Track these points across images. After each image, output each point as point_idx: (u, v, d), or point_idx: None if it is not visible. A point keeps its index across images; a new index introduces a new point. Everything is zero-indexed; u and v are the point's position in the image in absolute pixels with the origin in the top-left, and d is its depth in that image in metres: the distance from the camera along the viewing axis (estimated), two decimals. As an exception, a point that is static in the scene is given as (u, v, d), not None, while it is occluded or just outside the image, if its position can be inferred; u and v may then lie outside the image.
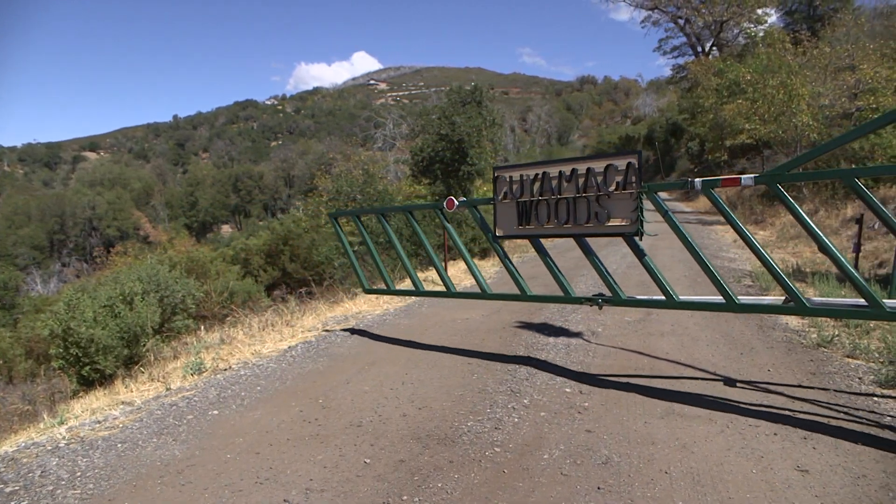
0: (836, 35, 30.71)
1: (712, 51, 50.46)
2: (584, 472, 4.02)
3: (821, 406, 5.13)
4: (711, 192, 5.27)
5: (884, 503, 3.55)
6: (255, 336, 8.79)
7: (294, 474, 4.15)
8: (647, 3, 52.76)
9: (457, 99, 23.93)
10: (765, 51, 30.51)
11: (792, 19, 46.38)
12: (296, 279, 21.85)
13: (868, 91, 22.68)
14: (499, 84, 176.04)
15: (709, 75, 37.57)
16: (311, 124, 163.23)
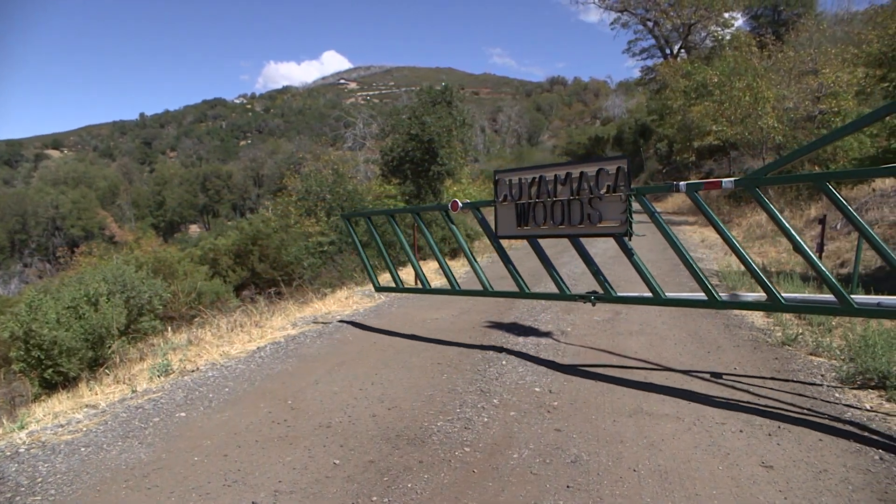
0: (799, 40, 31.27)
1: (680, 53, 51.06)
2: (553, 471, 4.04)
3: (785, 403, 5.22)
4: (695, 194, 5.54)
5: (843, 496, 3.63)
6: (223, 337, 8.70)
7: (263, 476, 4.11)
8: (617, 5, 53.19)
9: (427, 99, 23.92)
10: (731, 54, 30.94)
11: (757, 23, 47.18)
12: (265, 279, 21.63)
13: (830, 95, 23.12)
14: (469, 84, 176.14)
15: (677, 77, 38.01)
16: (281, 123, 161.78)
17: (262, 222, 25.16)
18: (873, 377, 5.63)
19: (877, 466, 3.99)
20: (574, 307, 9.68)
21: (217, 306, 14.71)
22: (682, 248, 5.72)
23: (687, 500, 3.63)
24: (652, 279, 5.92)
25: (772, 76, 26.05)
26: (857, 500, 3.58)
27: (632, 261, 5.91)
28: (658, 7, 50.13)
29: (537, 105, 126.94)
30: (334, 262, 16.85)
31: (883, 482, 3.78)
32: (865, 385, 5.64)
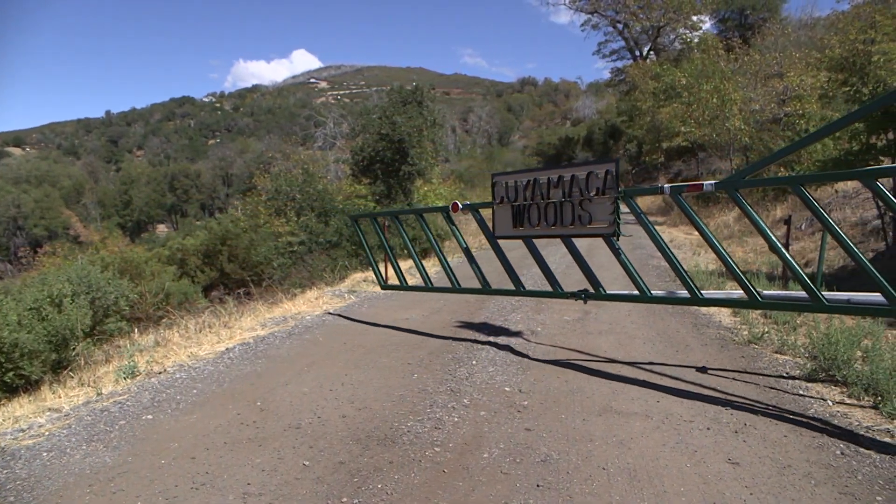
0: (765, 43, 31.82)
1: (650, 55, 51.67)
2: (523, 470, 4.06)
3: (751, 400, 5.30)
4: (679, 196, 5.70)
5: (806, 490, 3.70)
6: (191, 338, 8.59)
7: (231, 479, 4.07)
8: (587, 7, 53.74)
9: (398, 99, 23.87)
10: (699, 56, 31.34)
11: (725, 27, 47.92)
12: (234, 280, 21.40)
13: (795, 97, 23.55)
14: (440, 84, 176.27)
15: (646, 79, 38.43)
16: (251, 122, 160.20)
17: (232, 222, 24.92)
18: (836, 374, 5.75)
19: (838, 461, 4.08)
20: (544, 307, 9.73)
21: (185, 307, 14.54)
22: (666, 248, 5.98)
23: (655, 498, 3.66)
24: (639, 278, 6.15)
25: (738, 79, 26.49)
26: (819, 495, 3.65)
27: (619, 260, 6.15)
28: (628, 9, 50.72)
29: (508, 105, 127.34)
30: (304, 263, 16.74)
31: (844, 476, 3.87)
32: (829, 382, 5.76)
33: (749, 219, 5.44)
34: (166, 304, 15.20)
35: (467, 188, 35.02)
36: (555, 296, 6.99)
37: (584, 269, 6.61)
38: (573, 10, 55.14)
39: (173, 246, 26.31)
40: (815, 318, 8.02)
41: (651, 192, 6.25)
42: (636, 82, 41.66)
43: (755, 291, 5.48)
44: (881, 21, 16.01)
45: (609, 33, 55.14)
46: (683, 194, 5.81)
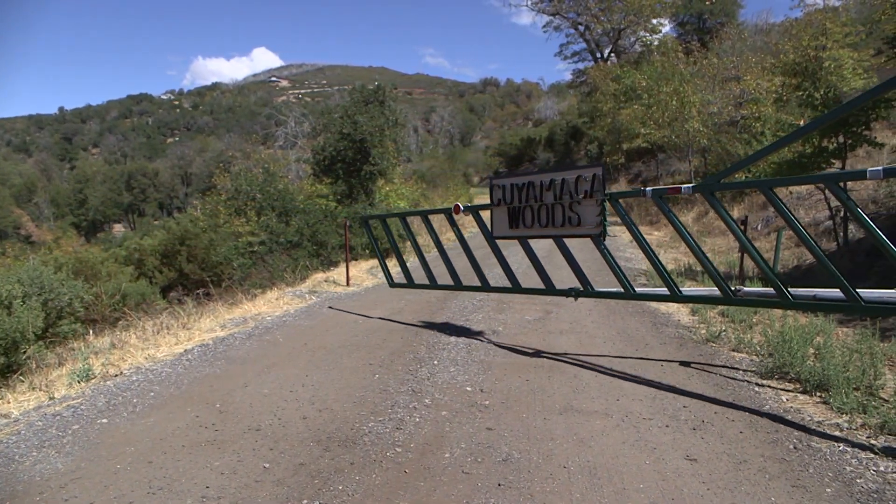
0: (722, 47, 32.41)
1: (611, 57, 52.25)
2: (485, 470, 4.07)
3: (709, 398, 5.40)
4: (660, 199, 5.91)
5: (761, 485, 3.79)
6: (149, 340, 8.42)
7: (189, 482, 4.00)
8: (549, 9, 54.15)
9: (360, 98, 23.76)
10: (659, 59, 31.80)
11: (684, 30, 48.67)
12: (193, 280, 21.04)
13: (751, 101, 24.01)
14: (402, 84, 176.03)
15: (607, 81, 38.82)
16: (210, 121, 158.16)
17: (191, 222, 24.54)
18: (790, 371, 5.89)
19: (791, 455, 4.18)
20: (506, 307, 9.78)
21: (143, 308, 14.22)
22: (648, 249, 6.27)
23: (615, 495, 3.70)
24: (623, 276, 6.38)
25: (697, 81, 26.93)
26: (773, 488, 3.74)
27: (606, 260, 6.39)
28: (589, 12, 51.23)
29: (470, 106, 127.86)
30: (265, 263, 16.54)
31: (796, 470, 3.97)
32: (783, 378, 5.90)
33: (723, 220, 5.65)
34: (123, 305, 14.87)
35: (429, 188, 35.03)
36: (548, 293, 7.19)
37: (574, 268, 6.85)
38: (535, 12, 55.56)
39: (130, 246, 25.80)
40: (770, 316, 8.22)
41: (634, 195, 6.46)
42: (597, 84, 42.05)
43: (728, 290, 5.70)
44: (832, 28, 16.42)
45: (571, 35, 55.63)
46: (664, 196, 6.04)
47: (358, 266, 15.57)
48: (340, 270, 14.32)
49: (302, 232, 17.44)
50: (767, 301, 5.83)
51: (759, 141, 18.91)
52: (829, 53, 15.25)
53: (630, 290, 6.39)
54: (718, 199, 5.66)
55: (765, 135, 18.95)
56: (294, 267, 15.19)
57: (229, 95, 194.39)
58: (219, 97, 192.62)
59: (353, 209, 19.48)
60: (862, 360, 5.70)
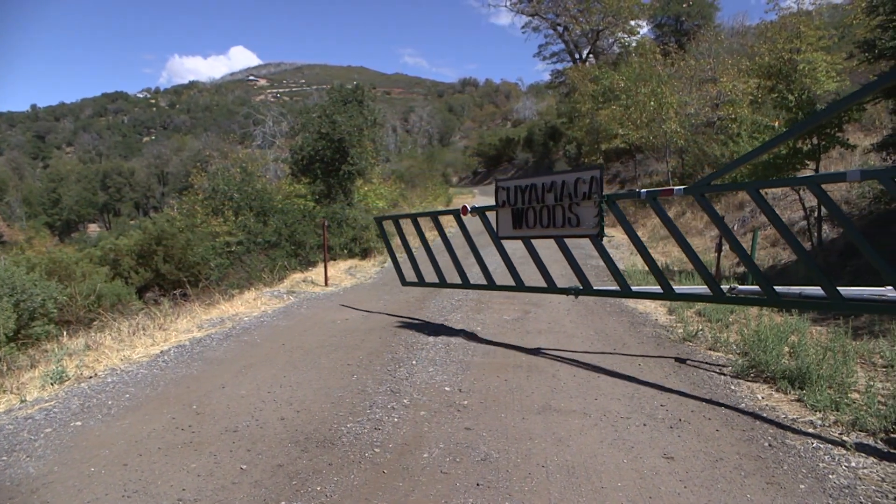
0: (699, 49, 32.68)
1: (589, 58, 52.49)
2: (463, 470, 4.07)
3: (686, 396, 5.46)
4: (655, 201, 6.10)
5: (736, 482, 3.83)
6: (124, 341, 8.32)
7: (165, 485, 3.96)
8: (528, 10, 54.31)
9: (338, 98, 23.63)
10: (637, 60, 31.97)
11: (661, 32, 48.99)
12: (170, 281, 20.83)
13: (728, 102, 24.26)
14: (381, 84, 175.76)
15: (585, 81, 38.97)
16: (187, 120, 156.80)
17: (167, 221, 24.28)
18: (765, 369, 5.97)
19: (766, 453, 4.23)
20: (484, 307, 9.80)
21: (118, 309, 14.05)
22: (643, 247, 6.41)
23: (593, 494, 3.72)
24: (619, 274, 6.58)
25: (674, 83, 27.15)
26: (748, 485, 3.78)
27: (604, 259, 6.62)
28: (568, 13, 51.46)
29: (449, 106, 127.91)
30: (242, 263, 16.42)
31: (771, 467, 4.02)
32: (758, 377, 5.98)
33: (713, 220, 5.87)
34: (98, 306, 14.69)
35: (408, 188, 34.97)
36: (549, 291, 7.34)
37: (575, 269, 7.00)
38: (514, 13, 55.70)
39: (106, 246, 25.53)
40: (746, 315, 8.32)
41: (629, 197, 6.64)
42: (576, 85, 42.18)
43: (719, 288, 5.85)
44: (805, 32, 16.71)
45: (549, 36, 55.83)
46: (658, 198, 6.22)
47: (336, 266, 15.51)
48: (319, 270, 14.26)
49: (280, 232, 17.34)
50: (757, 299, 6.00)
51: (736, 142, 19.11)
52: (803, 56, 15.51)
53: (628, 289, 6.56)
54: (708, 201, 5.79)
55: (741, 136, 19.14)
56: (272, 267, 15.10)
57: (207, 94, 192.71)
58: (196, 96, 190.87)
59: (331, 209, 19.40)
60: (835, 359, 5.80)
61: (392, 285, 12.49)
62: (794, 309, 7.46)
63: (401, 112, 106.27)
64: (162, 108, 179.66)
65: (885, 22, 12.10)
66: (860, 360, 6.33)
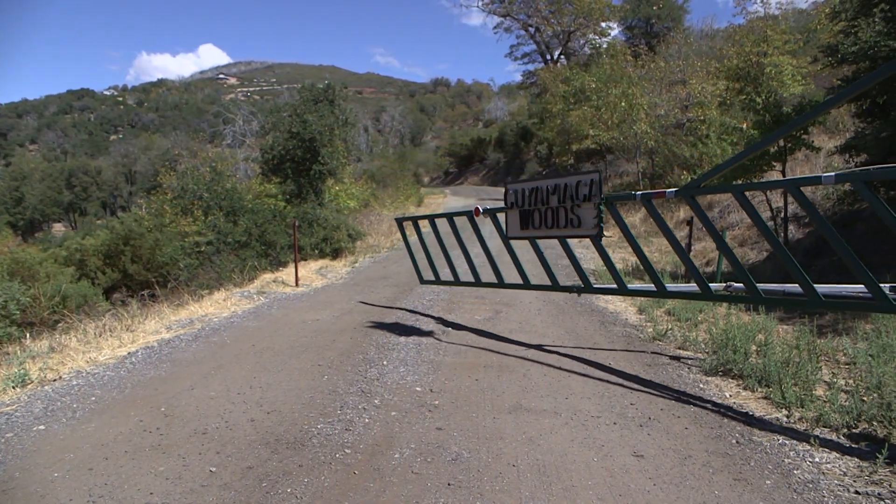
0: (669, 52, 33.03)
1: (560, 59, 52.79)
2: (434, 470, 4.07)
3: (655, 395, 5.51)
4: (650, 203, 6.32)
5: (705, 479, 3.88)
6: (90, 343, 8.17)
7: (132, 489, 3.89)
8: (500, 10, 54.45)
9: (309, 97, 23.52)
10: (608, 62, 32.19)
11: (632, 34, 49.48)
12: (138, 281, 20.50)
13: (697, 104, 24.56)
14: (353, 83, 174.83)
15: (557, 82, 39.16)
16: (155, 118, 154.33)
17: (135, 221, 23.88)
18: (733, 368, 6.06)
19: (734, 450, 4.29)
20: (455, 307, 9.81)
21: (84, 310, 13.80)
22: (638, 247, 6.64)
23: (564, 492, 3.74)
24: (618, 274, 6.73)
25: (645, 84, 27.40)
26: (716, 482, 3.83)
27: (603, 259, 6.87)
28: (539, 14, 51.71)
29: (421, 106, 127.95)
30: (212, 263, 16.22)
31: (738, 463, 4.09)
32: (726, 375, 6.06)
33: (702, 222, 5.98)
34: (63, 307, 14.42)
35: (379, 188, 34.86)
36: (553, 289, 7.68)
37: (575, 266, 7.24)
38: (486, 13, 55.83)
39: (72, 246, 25.05)
40: (714, 315, 8.44)
41: (627, 198, 7.01)
42: (547, 85, 42.38)
43: (708, 286, 6.00)
44: (772, 36, 16.97)
45: (521, 37, 56.06)
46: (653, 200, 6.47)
47: (307, 266, 15.41)
48: (289, 271, 14.14)
49: (250, 232, 17.16)
50: (742, 297, 6.29)
51: (705, 143, 19.36)
52: (770, 60, 15.74)
53: (624, 287, 6.77)
54: (698, 202, 5.91)
55: (710, 137, 19.42)
56: (242, 267, 14.95)
57: (175, 92, 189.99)
58: (165, 94, 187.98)
59: (301, 209, 19.27)
60: (800, 357, 5.90)
61: (363, 286, 12.45)
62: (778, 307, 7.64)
63: (372, 112, 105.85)
64: (130, 106, 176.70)
65: (848, 27, 12.36)
66: (825, 358, 6.45)
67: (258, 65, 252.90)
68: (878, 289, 4.48)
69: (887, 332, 6.57)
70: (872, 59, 10.52)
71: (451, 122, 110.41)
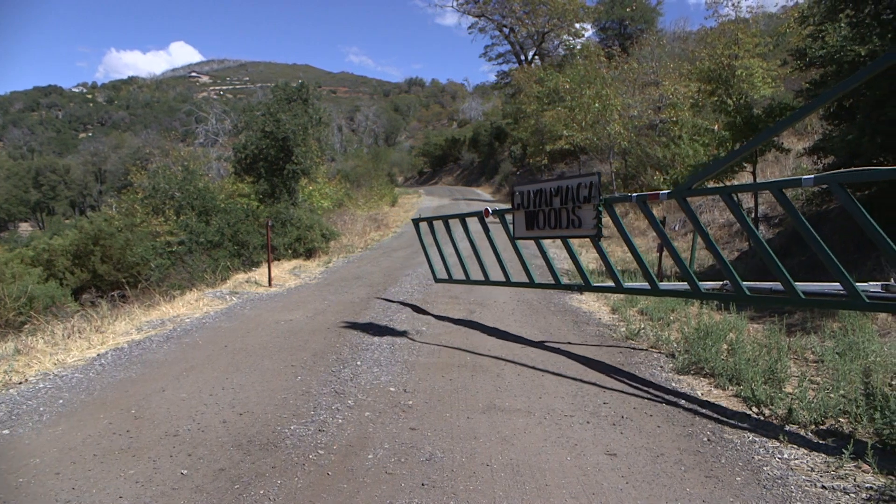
0: (642, 53, 33.38)
1: (534, 60, 53.10)
2: (408, 470, 4.06)
3: (628, 394, 5.56)
4: (645, 205, 6.42)
5: (677, 476, 3.92)
6: (58, 344, 8.02)
7: (101, 493, 3.83)
8: (474, 10, 54.65)
9: (282, 96, 23.32)
10: (582, 63, 32.42)
11: (606, 35, 49.94)
12: (108, 282, 20.19)
13: (669, 105, 24.85)
14: (327, 83, 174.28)
15: (531, 83, 39.37)
16: (126, 116, 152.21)
17: (105, 221, 23.53)
18: (704, 366, 6.13)
19: (705, 447, 4.34)
20: (430, 306, 9.81)
21: (52, 311, 13.57)
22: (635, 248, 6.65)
23: (537, 491, 3.76)
24: (617, 272, 6.84)
25: (618, 85, 27.66)
26: (688, 479, 3.87)
27: (602, 258, 6.92)
28: (514, 14, 51.97)
29: (395, 105, 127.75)
30: (184, 263, 16.05)
31: (710, 461, 4.13)
32: (698, 373, 6.14)
33: (692, 222, 6.12)
34: (30, 308, 14.15)
35: (353, 188, 34.73)
36: (556, 287, 7.96)
37: (577, 265, 7.39)
38: (460, 14, 56.01)
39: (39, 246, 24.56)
40: (686, 314, 8.53)
41: (624, 200, 7.03)
42: (521, 86, 42.59)
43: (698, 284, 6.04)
44: (743, 39, 17.22)
45: (496, 37, 56.37)
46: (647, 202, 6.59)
47: (280, 266, 15.30)
48: (262, 271, 14.04)
49: (223, 232, 17.01)
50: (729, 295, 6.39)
51: (677, 144, 19.57)
52: (741, 62, 15.97)
53: (621, 285, 6.87)
54: (689, 204, 6.03)
55: (682, 138, 19.63)
56: (214, 267, 14.81)
57: (147, 90, 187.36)
58: (135, 92, 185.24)
59: (275, 209, 19.15)
60: (770, 355, 5.99)
61: (337, 286, 12.39)
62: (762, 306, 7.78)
63: (346, 111, 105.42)
64: (99, 104, 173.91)
65: (815, 32, 12.59)
66: (793, 356, 6.56)
67: (231, 63, 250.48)
68: (852, 286, 4.56)
69: (853, 330, 6.71)
70: (839, 62, 10.73)
71: (426, 122, 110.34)
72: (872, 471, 3.87)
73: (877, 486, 3.72)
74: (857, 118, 10.19)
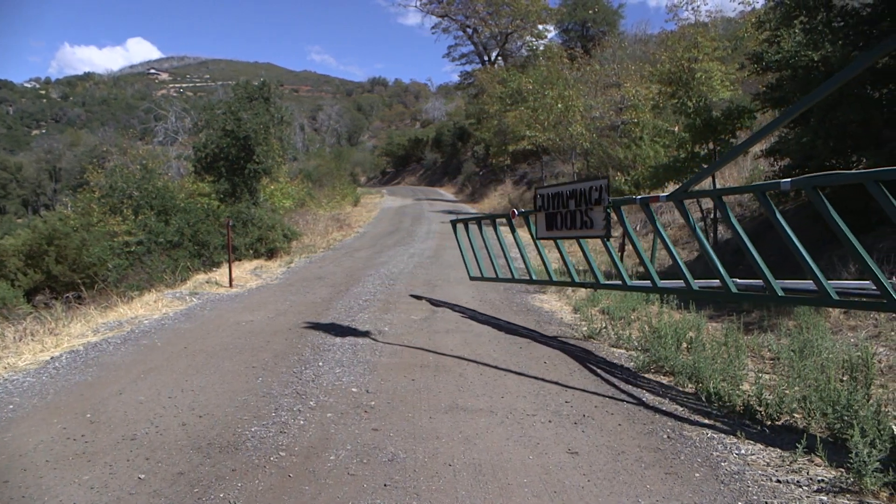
0: (604, 55, 33.77)
1: (498, 60, 53.23)
2: (370, 471, 4.04)
3: (590, 392, 5.61)
4: (647, 206, 6.48)
5: (637, 474, 3.97)
6: (9, 348, 7.80)
7: (54, 500, 3.73)
8: (438, 11, 54.58)
9: (244, 94, 23.08)
10: (545, 64, 32.65)
11: (568, 37, 50.31)
12: (63, 283, 19.71)
13: (631, 107, 25.14)
14: (289, 81, 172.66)
15: (494, 83, 39.47)
16: (82, 113, 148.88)
17: (60, 220, 22.99)
18: (664, 365, 6.22)
19: (665, 444, 4.40)
20: (391, 307, 9.78)
21: (3, 314, 13.23)
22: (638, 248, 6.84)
23: (500, 490, 3.77)
24: (623, 271, 6.96)
25: (580, 87, 27.93)
26: (648, 476, 3.92)
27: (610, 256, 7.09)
28: (477, 15, 52.03)
29: (358, 105, 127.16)
30: (142, 264, 15.75)
31: (669, 458, 4.20)
32: (658, 372, 6.23)
33: (688, 225, 6.25)
34: (-21, 310, 13.79)
35: (315, 187, 34.45)
36: (571, 284, 8.30)
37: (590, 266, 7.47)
38: (424, 13, 55.91)
39: (-11, 246, 23.96)
40: (647, 313, 8.64)
41: (629, 202, 7.15)
42: (484, 86, 42.67)
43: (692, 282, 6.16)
44: (702, 42, 17.52)
45: (459, 37, 56.29)
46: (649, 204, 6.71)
47: (241, 266, 15.11)
48: (223, 271, 13.84)
49: (182, 231, 16.74)
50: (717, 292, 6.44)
51: (638, 145, 19.83)
52: (701, 65, 16.25)
53: (625, 284, 7.03)
54: (685, 207, 6.14)
55: (643, 139, 19.90)
56: (174, 268, 14.58)
57: (104, 87, 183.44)
58: (92, 88, 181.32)
59: (236, 208, 18.91)
60: (728, 353, 6.11)
61: (299, 286, 12.28)
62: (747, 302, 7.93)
63: (309, 110, 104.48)
64: (53, 100, 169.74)
65: (771, 37, 12.89)
66: (750, 354, 6.70)
67: (191, 60, 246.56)
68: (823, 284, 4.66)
69: (808, 328, 6.87)
70: (794, 67, 10.99)
71: (389, 122, 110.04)
72: (824, 464, 3.97)
73: (828, 479, 3.83)
74: (810, 122, 10.44)
